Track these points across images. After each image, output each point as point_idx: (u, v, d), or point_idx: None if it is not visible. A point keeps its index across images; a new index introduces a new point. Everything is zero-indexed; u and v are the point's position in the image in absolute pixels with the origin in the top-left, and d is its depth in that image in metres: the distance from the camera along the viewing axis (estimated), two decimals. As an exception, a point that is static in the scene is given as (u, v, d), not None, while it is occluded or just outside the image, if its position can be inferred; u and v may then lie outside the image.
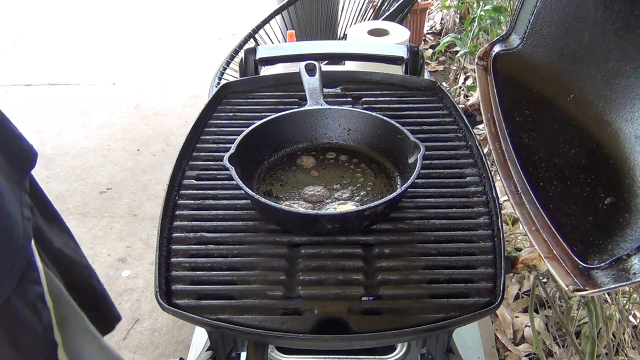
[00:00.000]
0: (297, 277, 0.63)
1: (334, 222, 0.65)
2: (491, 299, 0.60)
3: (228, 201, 0.71)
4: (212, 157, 0.78)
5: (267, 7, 1.80)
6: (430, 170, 0.75)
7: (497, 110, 0.78)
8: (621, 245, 0.55)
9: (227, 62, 1.50)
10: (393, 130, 0.75)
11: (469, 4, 2.77)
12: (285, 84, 0.92)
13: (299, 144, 0.80)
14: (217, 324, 0.58)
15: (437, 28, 3.41)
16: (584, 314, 1.40)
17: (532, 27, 0.76)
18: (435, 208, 0.70)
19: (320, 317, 0.59)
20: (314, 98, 0.82)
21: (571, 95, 0.68)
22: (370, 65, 1.06)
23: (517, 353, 1.53)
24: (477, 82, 0.83)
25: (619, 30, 0.61)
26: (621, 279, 0.53)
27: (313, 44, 1.08)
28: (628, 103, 0.59)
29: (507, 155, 0.74)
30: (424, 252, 0.65)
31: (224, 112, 0.87)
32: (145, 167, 2.38)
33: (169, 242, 0.67)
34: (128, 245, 2.00)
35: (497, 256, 0.64)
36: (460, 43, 2.19)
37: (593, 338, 1.28)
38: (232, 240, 0.67)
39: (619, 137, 0.59)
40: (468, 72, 2.75)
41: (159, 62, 3.19)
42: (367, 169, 0.77)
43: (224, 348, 0.67)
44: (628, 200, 0.56)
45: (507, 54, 0.80)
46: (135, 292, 1.82)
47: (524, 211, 0.68)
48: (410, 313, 0.59)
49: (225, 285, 0.62)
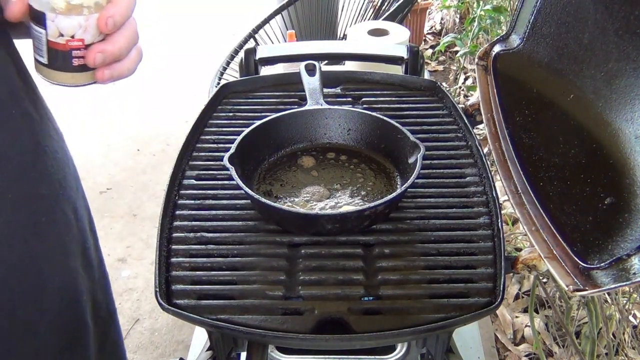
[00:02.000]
0: (297, 277, 0.63)
1: (334, 222, 0.65)
2: (491, 299, 0.61)
3: (228, 201, 0.71)
4: (212, 157, 0.78)
5: (267, 7, 1.80)
6: (430, 170, 0.75)
7: (497, 110, 0.78)
8: (621, 245, 0.55)
9: (227, 62, 1.51)
10: (393, 130, 0.75)
11: (469, 4, 2.77)
12: (285, 84, 0.92)
13: (299, 144, 0.80)
14: (217, 324, 0.58)
15: (437, 28, 3.41)
16: (584, 314, 1.40)
17: (532, 27, 0.76)
18: (435, 208, 0.70)
19: (320, 317, 0.59)
20: (314, 98, 0.82)
21: (571, 95, 0.68)
22: (370, 65, 1.06)
23: (517, 353, 1.53)
24: (477, 82, 0.83)
25: (619, 30, 0.61)
26: (621, 279, 0.53)
27: (313, 44, 1.08)
28: (628, 103, 0.59)
29: (507, 155, 0.74)
30: (424, 252, 0.65)
31: (224, 112, 0.87)
32: (145, 167, 2.38)
33: (169, 242, 0.67)
34: (128, 245, 2.00)
35: (497, 256, 0.64)
36: (460, 43, 2.19)
37: (593, 338, 1.28)
38: (232, 240, 0.67)
39: (619, 137, 0.59)
40: (468, 72, 2.75)
41: (159, 62, 3.19)
42: (367, 169, 0.77)
43: (224, 348, 0.67)
44: (628, 200, 0.56)
45: (507, 54, 0.80)
46: (135, 292, 1.82)
47: (524, 211, 0.68)
48: (410, 313, 0.59)
49: (225, 285, 0.62)
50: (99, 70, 0.54)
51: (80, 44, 0.51)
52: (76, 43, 0.51)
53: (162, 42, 3.41)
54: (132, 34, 0.55)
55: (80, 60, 0.52)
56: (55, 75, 0.53)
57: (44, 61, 0.53)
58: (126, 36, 0.54)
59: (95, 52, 0.52)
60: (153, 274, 0.62)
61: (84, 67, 0.53)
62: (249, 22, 1.67)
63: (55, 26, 0.50)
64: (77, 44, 0.51)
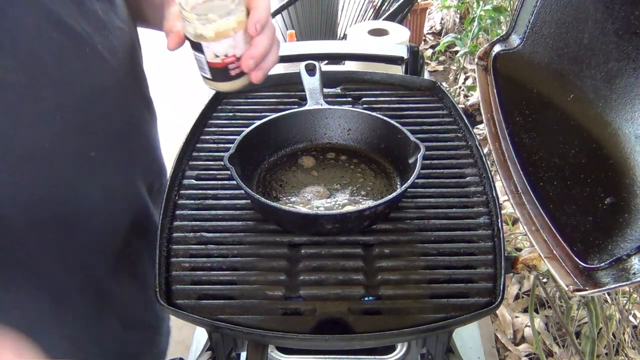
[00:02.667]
0: (297, 277, 0.63)
1: (334, 222, 0.65)
2: (491, 299, 0.61)
3: (228, 201, 0.71)
4: (212, 157, 0.78)
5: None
6: (430, 170, 0.75)
7: (497, 110, 0.78)
8: (621, 245, 0.55)
9: (227, 62, 1.50)
10: (393, 130, 0.75)
11: (469, 4, 2.77)
12: (285, 84, 0.92)
13: (299, 144, 0.80)
14: (217, 324, 0.58)
15: (437, 28, 3.41)
16: (584, 314, 1.40)
17: (532, 27, 0.76)
18: (435, 208, 0.70)
19: (321, 317, 0.59)
20: (314, 98, 0.82)
21: (571, 95, 0.68)
22: (370, 65, 1.07)
23: (517, 353, 1.53)
24: (477, 82, 0.83)
25: (619, 30, 0.61)
26: (621, 279, 0.53)
27: (313, 44, 1.08)
28: (628, 103, 0.59)
29: (507, 155, 0.74)
30: (424, 252, 0.65)
31: (224, 112, 0.87)
32: (145, 167, 2.37)
33: (169, 242, 0.67)
34: (128, 245, 1.99)
35: (497, 256, 0.64)
36: (460, 43, 2.19)
37: (593, 338, 1.28)
38: (232, 241, 0.67)
39: (619, 137, 0.59)
40: (468, 72, 2.75)
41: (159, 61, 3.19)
42: (367, 169, 0.77)
43: (224, 348, 0.67)
44: (628, 200, 0.56)
45: (507, 54, 0.80)
46: (135, 292, 1.82)
47: (524, 211, 0.68)
48: (410, 313, 0.59)
49: (225, 285, 0.62)
50: (252, 73, 0.63)
51: (233, 58, 0.61)
52: (230, 59, 0.61)
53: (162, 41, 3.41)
54: (271, 32, 0.63)
55: (236, 70, 0.62)
56: (219, 85, 0.65)
57: (208, 76, 0.64)
58: (268, 36, 0.62)
59: (247, 59, 0.61)
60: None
61: (240, 74, 0.63)
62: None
63: (211, 51, 0.60)
64: (231, 59, 0.61)
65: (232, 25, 0.58)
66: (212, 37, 0.59)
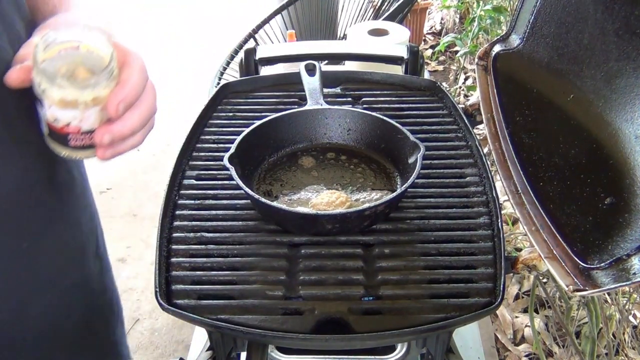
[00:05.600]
0: (297, 277, 0.63)
1: (334, 222, 0.65)
2: (491, 299, 0.60)
3: (228, 201, 0.71)
4: (212, 157, 0.78)
5: (267, 7, 1.80)
6: (430, 170, 0.75)
7: (497, 110, 0.78)
8: (621, 245, 0.55)
9: (227, 62, 1.51)
10: (393, 130, 0.75)
11: (469, 4, 2.77)
12: (285, 84, 0.92)
13: (299, 144, 0.80)
14: (217, 324, 0.58)
15: (437, 28, 3.41)
16: (584, 314, 1.40)
17: (532, 27, 0.76)
18: (435, 208, 0.70)
19: (321, 317, 0.59)
20: (314, 98, 0.82)
21: (571, 95, 0.68)
22: (370, 65, 1.06)
23: (517, 353, 1.53)
24: (477, 82, 0.83)
25: (619, 30, 0.61)
26: (621, 279, 0.53)
27: (313, 44, 1.08)
28: (628, 103, 0.59)
29: (507, 155, 0.74)
30: (424, 252, 0.65)
31: (224, 112, 0.87)
32: (145, 167, 2.38)
33: (169, 242, 0.67)
34: (128, 245, 2.00)
35: (497, 256, 0.64)
36: (460, 43, 2.19)
37: (593, 338, 1.28)
38: (232, 240, 0.67)
39: (619, 137, 0.59)
40: (468, 72, 2.75)
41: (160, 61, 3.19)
42: (367, 169, 0.77)
43: (224, 348, 0.67)
44: (628, 200, 0.56)
45: (507, 54, 0.80)
46: (135, 292, 1.82)
47: (524, 211, 0.68)
48: (410, 313, 0.59)
49: (225, 285, 0.62)
50: (99, 149, 0.52)
51: (76, 130, 0.51)
52: (72, 129, 0.51)
53: (162, 42, 3.41)
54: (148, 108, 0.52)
55: (77, 142, 0.52)
56: (55, 147, 0.54)
57: (45, 132, 0.53)
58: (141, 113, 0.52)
59: (102, 133, 0.50)
60: (153, 274, 0.62)
61: (83, 147, 0.53)
62: (249, 22, 1.67)
63: (52, 113, 0.50)
64: (73, 130, 0.51)
65: (85, 99, 0.49)
66: (56, 102, 0.49)
